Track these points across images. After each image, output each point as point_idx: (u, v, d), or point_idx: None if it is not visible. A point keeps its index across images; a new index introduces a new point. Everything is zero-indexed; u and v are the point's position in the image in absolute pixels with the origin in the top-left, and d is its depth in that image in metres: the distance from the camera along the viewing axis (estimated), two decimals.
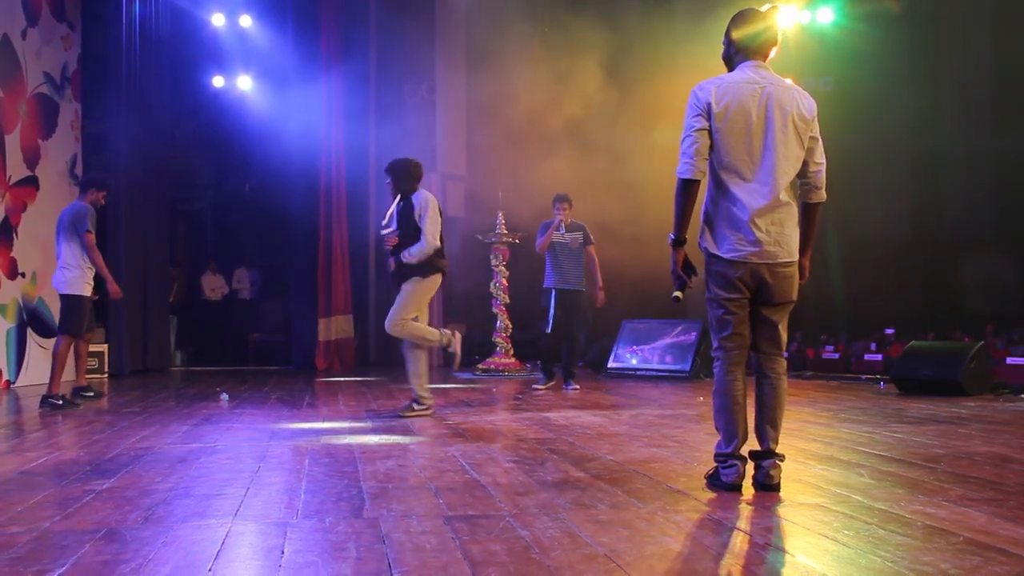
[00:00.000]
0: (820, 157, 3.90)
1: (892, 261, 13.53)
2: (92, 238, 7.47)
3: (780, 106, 3.79)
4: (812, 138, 3.87)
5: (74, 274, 7.50)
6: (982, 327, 11.68)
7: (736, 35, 3.94)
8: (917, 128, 13.67)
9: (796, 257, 3.88)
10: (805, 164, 3.87)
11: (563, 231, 9.08)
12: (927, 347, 9.07)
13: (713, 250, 3.86)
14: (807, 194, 3.92)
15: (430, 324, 6.90)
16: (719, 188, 3.85)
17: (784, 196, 3.79)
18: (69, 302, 7.53)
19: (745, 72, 3.87)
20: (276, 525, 3.24)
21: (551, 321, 9.01)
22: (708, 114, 3.80)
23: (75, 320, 7.53)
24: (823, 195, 3.94)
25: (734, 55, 3.96)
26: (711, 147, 3.82)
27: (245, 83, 13.34)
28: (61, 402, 7.40)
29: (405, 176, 6.71)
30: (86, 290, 7.58)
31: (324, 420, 6.55)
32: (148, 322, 12.10)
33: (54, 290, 7.17)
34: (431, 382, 7.21)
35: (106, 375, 11.12)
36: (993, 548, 2.84)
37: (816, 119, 3.89)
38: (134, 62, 11.71)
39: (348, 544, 2.94)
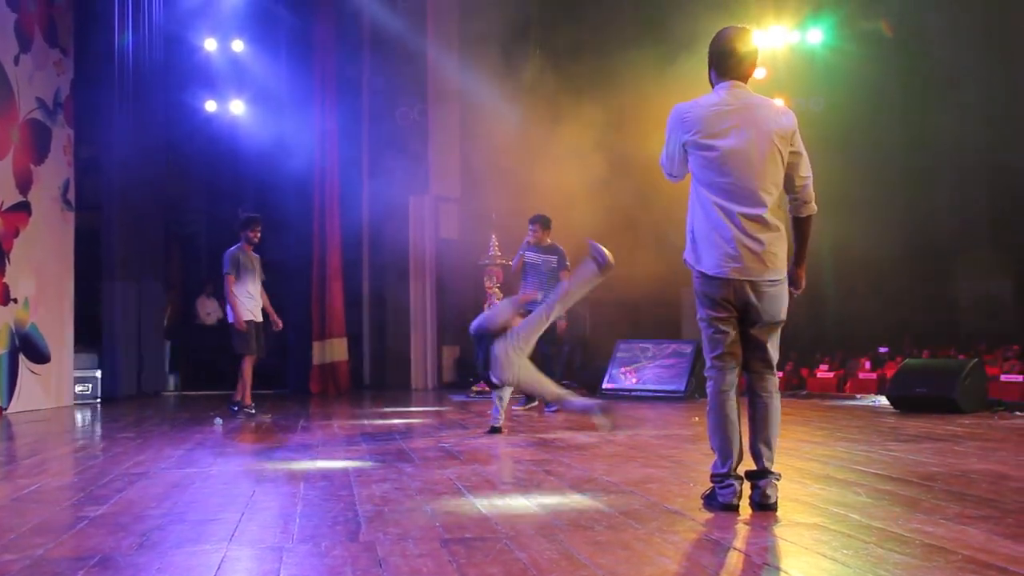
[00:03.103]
0: (805, 171, 3.92)
1: (885, 280, 13.56)
2: (231, 279, 8.73)
3: (756, 125, 3.82)
4: (794, 152, 3.88)
5: (242, 304, 8.76)
6: (976, 344, 11.69)
7: (713, 56, 3.97)
8: (908, 146, 13.72)
9: (782, 275, 3.87)
10: (791, 179, 3.89)
11: (528, 251, 9.21)
12: (921, 365, 9.07)
13: (697, 265, 3.89)
14: (797, 208, 3.95)
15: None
16: (702, 207, 3.88)
17: (767, 214, 3.79)
18: (229, 328, 8.83)
19: (719, 94, 3.91)
20: (272, 550, 3.22)
21: None
22: (685, 135, 3.88)
23: (237, 342, 8.78)
24: (813, 207, 3.97)
25: (712, 75, 4.00)
26: (694, 168, 3.90)
27: (238, 107, 13.35)
28: (253, 410, 8.79)
29: None
30: (248, 316, 8.79)
31: (319, 443, 6.52)
32: (142, 346, 12.06)
33: (47, 316, 7.25)
34: (423, 404, 7.19)
35: (99, 400, 11.07)
36: (992, 566, 2.83)
37: (797, 133, 3.90)
38: (127, 87, 11.72)
39: (344, 568, 2.93)
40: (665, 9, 12.61)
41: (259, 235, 9.02)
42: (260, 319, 8.97)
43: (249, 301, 8.86)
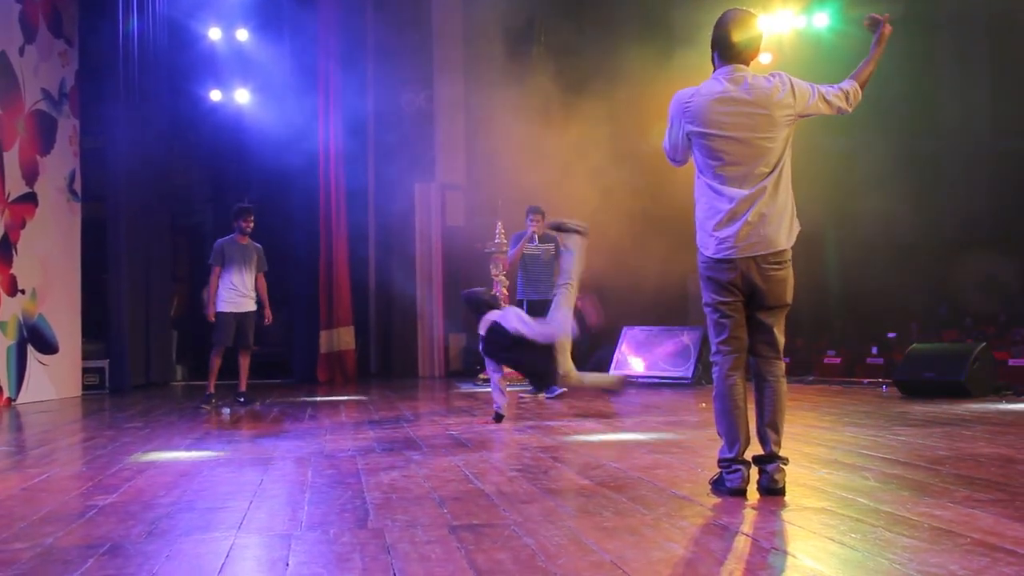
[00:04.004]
0: (819, 103, 3.93)
1: (893, 264, 13.52)
2: (216, 270, 8.81)
3: (757, 110, 3.81)
4: (806, 107, 3.90)
5: (219, 296, 8.81)
6: (984, 329, 11.66)
7: (717, 40, 3.95)
8: (915, 131, 13.67)
9: (787, 255, 3.84)
10: (825, 112, 3.94)
11: (535, 242, 9.20)
12: (929, 349, 9.04)
13: (703, 250, 3.90)
14: (856, 102, 4.04)
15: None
16: (704, 191, 3.90)
17: (769, 184, 3.79)
18: (216, 318, 8.82)
19: (721, 82, 3.89)
20: (280, 537, 3.23)
21: None
22: (688, 125, 3.88)
23: (215, 332, 8.84)
24: (853, 97, 4.06)
25: (715, 58, 3.98)
26: (697, 156, 3.91)
27: (243, 96, 13.34)
28: (206, 400, 8.72)
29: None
30: (225, 307, 8.79)
31: (326, 432, 6.54)
32: (150, 337, 12.08)
33: (55, 307, 7.29)
34: (430, 392, 7.20)
35: (106, 390, 11.10)
36: (1001, 549, 2.83)
37: (793, 90, 3.86)
38: (132, 77, 11.72)
39: (353, 555, 2.93)
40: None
41: (251, 225, 8.95)
42: (245, 310, 8.89)
43: (230, 292, 8.82)
